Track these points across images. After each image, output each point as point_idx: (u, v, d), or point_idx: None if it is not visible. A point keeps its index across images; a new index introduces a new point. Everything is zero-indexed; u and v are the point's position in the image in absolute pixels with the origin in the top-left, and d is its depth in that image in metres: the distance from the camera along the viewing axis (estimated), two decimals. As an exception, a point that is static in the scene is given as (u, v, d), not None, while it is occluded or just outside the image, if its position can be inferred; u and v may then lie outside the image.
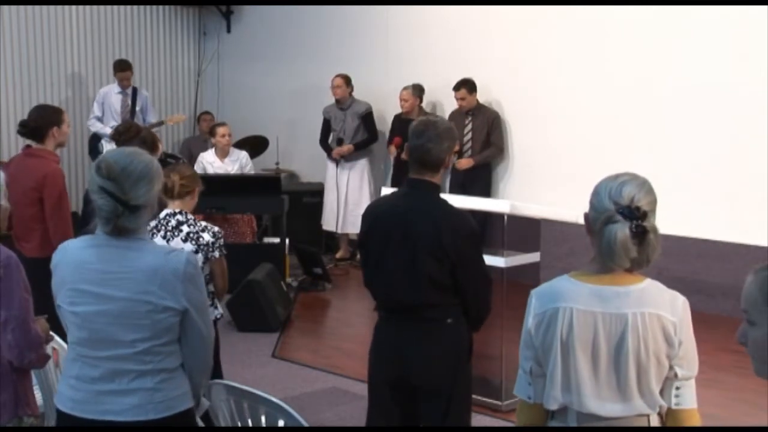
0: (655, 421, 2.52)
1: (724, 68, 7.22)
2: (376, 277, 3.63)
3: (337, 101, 9.13)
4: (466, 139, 8.50)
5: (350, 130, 9.12)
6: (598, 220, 2.49)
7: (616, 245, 2.44)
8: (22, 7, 9.77)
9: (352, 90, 9.14)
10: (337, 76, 9.12)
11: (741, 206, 7.04)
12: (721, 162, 7.24)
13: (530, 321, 2.58)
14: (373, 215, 3.68)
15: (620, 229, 2.44)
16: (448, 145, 3.52)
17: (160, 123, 9.59)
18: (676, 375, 2.50)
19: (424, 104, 9.00)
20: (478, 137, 8.48)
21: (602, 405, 2.49)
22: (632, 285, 2.51)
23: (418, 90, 8.85)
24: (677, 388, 2.51)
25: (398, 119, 8.99)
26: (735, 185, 7.15)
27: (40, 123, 5.21)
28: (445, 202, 3.58)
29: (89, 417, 2.84)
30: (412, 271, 3.49)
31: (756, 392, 5.21)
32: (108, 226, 2.77)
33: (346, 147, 9.08)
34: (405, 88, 8.84)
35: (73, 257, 2.87)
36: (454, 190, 8.03)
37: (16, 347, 3.12)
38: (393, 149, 8.84)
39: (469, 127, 8.52)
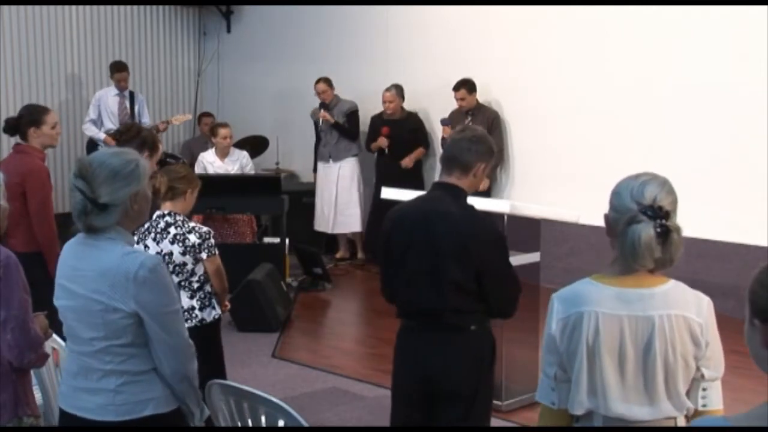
0: (681, 423, 2.51)
1: (724, 68, 7.22)
2: (398, 283, 3.58)
3: (324, 105, 9.13)
4: None
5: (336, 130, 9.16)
6: (620, 220, 2.46)
7: (641, 246, 2.41)
8: (21, 7, 9.77)
9: (333, 90, 9.17)
10: (320, 81, 9.12)
11: (741, 206, 7.04)
12: (721, 162, 7.24)
13: (553, 326, 2.53)
14: (395, 219, 3.62)
15: (644, 230, 2.41)
16: (478, 150, 3.48)
17: (166, 123, 9.58)
18: (702, 376, 2.49)
19: (424, 105, 9.00)
20: None
21: (629, 408, 2.47)
22: (657, 287, 2.48)
23: (400, 90, 8.89)
24: (704, 389, 2.50)
25: (380, 119, 9.00)
26: (735, 185, 7.14)
27: (19, 122, 5.33)
28: (470, 206, 3.53)
29: (69, 411, 2.91)
30: (436, 276, 3.45)
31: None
32: (79, 222, 2.83)
33: (327, 114, 9.03)
34: (388, 90, 8.87)
35: (62, 253, 2.97)
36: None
37: (16, 347, 3.12)
38: (383, 140, 8.82)
39: None
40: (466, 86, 8.46)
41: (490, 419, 3.78)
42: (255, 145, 9.93)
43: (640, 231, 2.41)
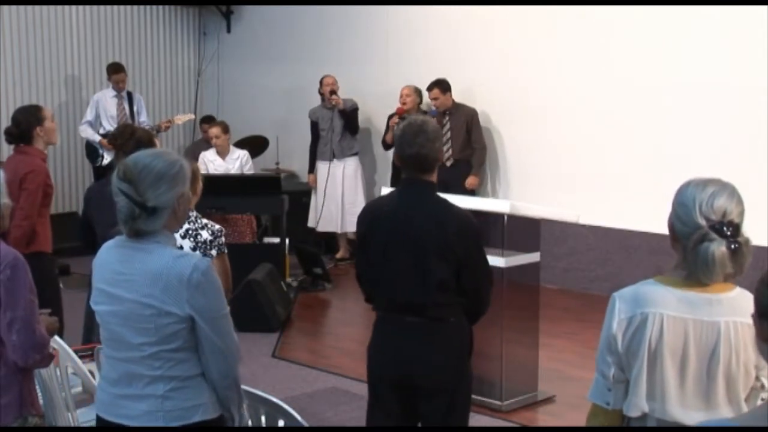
0: None
1: (724, 69, 7.22)
2: (380, 279, 3.62)
3: (333, 92, 9.07)
4: (445, 138, 8.50)
5: (339, 127, 9.14)
6: (689, 236, 2.41)
7: (715, 265, 2.37)
8: (21, 7, 9.76)
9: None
10: (329, 75, 9.10)
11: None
12: (721, 162, 7.23)
13: (614, 325, 2.48)
14: (373, 216, 3.66)
15: (717, 248, 2.36)
16: (439, 145, 3.58)
17: (169, 122, 9.57)
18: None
19: (424, 104, 8.99)
20: (457, 136, 8.48)
21: (686, 413, 2.43)
22: (724, 293, 2.44)
23: (419, 91, 8.84)
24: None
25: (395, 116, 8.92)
26: (735, 185, 7.13)
27: (24, 126, 5.29)
28: (446, 201, 3.59)
29: (109, 419, 2.84)
30: (419, 272, 3.50)
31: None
32: (126, 227, 2.75)
33: (340, 99, 8.97)
34: (407, 86, 8.79)
35: (101, 257, 2.88)
36: (437, 188, 8.01)
37: (21, 348, 3.12)
38: (396, 119, 8.69)
39: (447, 126, 8.52)
40: (440, 86, 8.47)
41: (470, 408, 3.80)
42: (255, 145, 9.93)
43: (714, 250, 2.36)
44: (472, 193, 8.35)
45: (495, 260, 5.27)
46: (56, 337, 3.61)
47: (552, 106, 8.24)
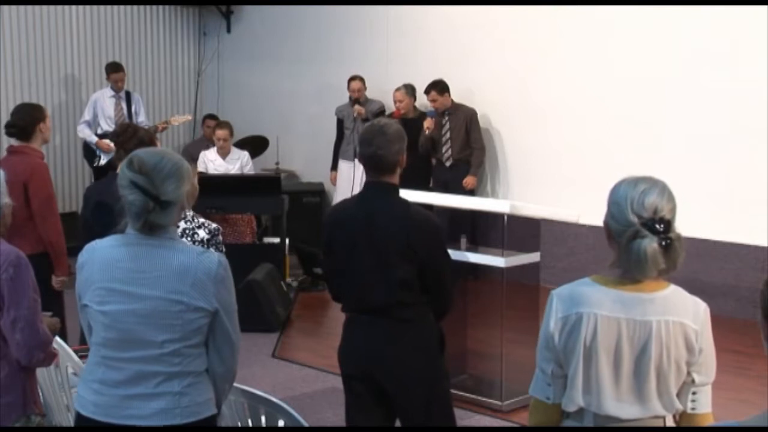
0: (669, 422, 2.54)
1: (725, 69, 7.22)
2: (347, 282, 3.66)
3: (356, 100, 9.08)
4: (444, 139, 8.51)
5: (362, 128, 9.10)
6: (622, 233, 2.47)
7: (647, 261, 2.42)
8: (21, 7, 9.75)
9: (366, 88, 9.14)
10: (356, 79, 9.05)
11: (741, 206, 7.04)
12: (722, 162, 7.24)
13: (552, 324, 2.55)
14: (336, 221, 3.71)
15: (648, 244, 2.41)
16: (398, 147, 3.58)
17: (166, 123, 9.57)
18: (693, 381, 2.52)
19: (425, 104, 8.98)
20: (457, 136, 8.48)
21: (621, 407, 2.50)
22: (656, 292, 2.50)
23: (410, 89, 8.82)
24: (694, 393, 2.52)
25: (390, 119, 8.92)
26: (734, 185, 7.14)
27: (27, 121, 5.33)
28: (407, 201, 3.63)
29: (112, 422, 2.78)
30: (383, 273, 3.54)
31: (756, 392, 5.20)
32: (138, 221, 2.74)
33: (362, 108, 8.95)
34: (398, 89, 8.79)
35: (102, 256, 2.83)
36: (437, 188, 8.04)
37: (25, 346, 3.13)
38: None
39: (447, 126, 8.53)
40: (436, 88, 8.45)
41: (452, 405, 3.83)
42: (255, 145, 9.92)
43: (645, 246, 2.42)
44: (471, 193, 8.35)
45: (495, 260, 5.29)
46: (56, 337, 3.61)
47: (552, 107, 8.24)
